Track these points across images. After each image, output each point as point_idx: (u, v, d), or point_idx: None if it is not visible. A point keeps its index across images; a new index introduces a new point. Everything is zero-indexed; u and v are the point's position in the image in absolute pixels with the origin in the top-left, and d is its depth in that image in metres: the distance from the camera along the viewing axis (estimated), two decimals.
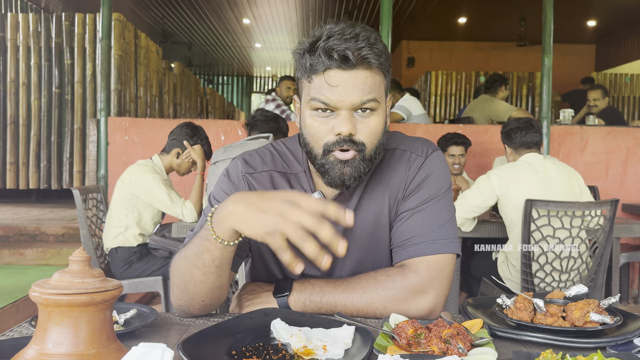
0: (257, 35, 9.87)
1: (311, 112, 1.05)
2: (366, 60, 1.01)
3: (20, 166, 5.87)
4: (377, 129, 1.06)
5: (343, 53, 1.00)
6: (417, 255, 1.10)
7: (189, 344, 0.81)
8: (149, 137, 4.41)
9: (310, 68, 1.03)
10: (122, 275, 2.99)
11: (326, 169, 1.06)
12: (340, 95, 1.01)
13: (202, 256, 0.98)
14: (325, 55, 1.01)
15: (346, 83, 1.01)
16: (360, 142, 1.04)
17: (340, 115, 1.03)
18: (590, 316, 0.94)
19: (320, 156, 1.06)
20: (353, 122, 1.03)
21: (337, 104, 1.02)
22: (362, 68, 1.02)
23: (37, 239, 4.57)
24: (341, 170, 1.04)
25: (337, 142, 1.03)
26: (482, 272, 2.98)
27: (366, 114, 1.04)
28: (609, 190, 4.46)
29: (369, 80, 1.03)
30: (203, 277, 1.01)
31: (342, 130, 1.02)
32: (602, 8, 7.99)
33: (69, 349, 0.70)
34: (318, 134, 1.05)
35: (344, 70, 1.01)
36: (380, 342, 0.86)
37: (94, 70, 5.82)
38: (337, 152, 1.04)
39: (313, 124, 1.05)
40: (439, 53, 9.96)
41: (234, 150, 2.62)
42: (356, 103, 1.02)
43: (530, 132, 2.75)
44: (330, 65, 1.01)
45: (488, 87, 5.02)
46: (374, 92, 1.03)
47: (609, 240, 2.65)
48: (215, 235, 0.94)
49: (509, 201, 2.66)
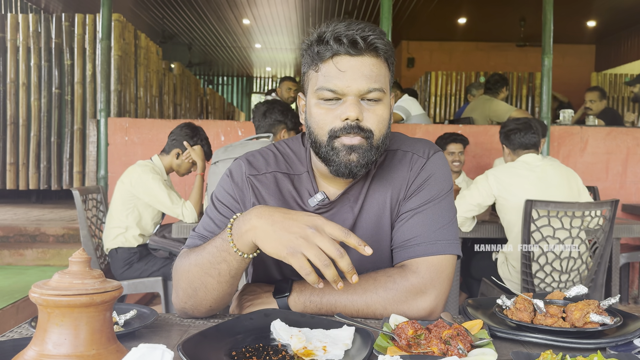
0: (257, 36, 9.87)
1: (318, 102, 1.05)
2: (374, 47, 1.02)
3: (20, 167, 5.87)
4: (384, 117, 1.06)
5: (352, 37, 1.01)
6: (418, 255, 1.10)
7: (189, 345, 0.81)
8: (148, 137, 4.41)
9: (318, 56, 1.04)
10: (122, 276, 2.99)
11: (331, 157, 1.05)
12: (348, 81, 1.02)
13: (219, 266, 0.99)
14: (334, 40, 1.01)
15: (354, 69, 1.02)
16: (367, 129, 1.04)
17: (347, 102, 1.03)
18: (590, 317, 0.94)
19: (325, 143, 1.05)
20: (360, 108, 1.03)
21: (344, 90, 1.02)
22: (370, 55, 1.03)
23: (37, 240, 4.57)
24: (347, 157, 1.04)
25: (343, 127, 1.03)
26: (482, 273, 2.98)
27: (372, 103, 1.04)
28: (608, 191, 4.46)
29: (376, 69, 1.03)
30: (217, 285, 1.01)
31: (349, 115, 1.01)
32: (602, 8, 7.99)
33: (68, 349, 0.70)
34: (324, 121, 1.05)
35: (351, 56, 1.02)
36: (380, 343, 0.86)
37: (93, 70, 5.82)
38: (343, 137, 1.03)
39: (319, 111, 1.05)
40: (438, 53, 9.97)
41: (235, 150, 2.62)
42: (363, 90, 1.02)
43: (528, 133, 2.76)
44: (338, 51, 1.02)
45: (489, 87, 5.02)
46: (380, 81, 1.04)
47: (609, 240, 2.65)
48: (236, 248, 0.96)
49: (507, 201, 2.67)
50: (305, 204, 1.14)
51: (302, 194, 1.15)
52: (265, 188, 1.16)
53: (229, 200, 1.16)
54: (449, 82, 8.87)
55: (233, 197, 1.16)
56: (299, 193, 1.15)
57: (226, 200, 1.16)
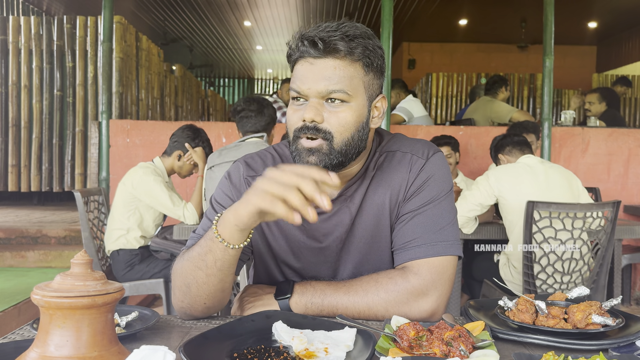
0: (258, 38, 9.89)
1: (291, 101, 1.08)
2: (335, 48, 1.02)
3: (22, 169, 5.88)
4: (346, 120, 1.05)
5: (312, 39, 1.02)
6: (419, 257, 1.09)
7: (191, 347, 0.81)
8: (150, 139, 4.42)
9: (290, 58, 1.08)
10: (124, 278, 2.99)
11: (295, 158, 1.07)
12: (309, 83, 1.03)
13: (205, 257, 0.99)
14: (300, 42, 1.04)
15: (314, 71, 1.03)
16: (326, 131, 1.04)
17: (307, 103, 1.04)
18: (592, 318, 0.94)
19: (292, 143, 1.07)
20: (319, 110, 1.03)
21: (306, 92, 1.04)
22: (332, 57, 1.03)
23: (38, 242, 4.57)
24: (307, 159, 1.05)
25: (302, 128, 1.04)
26: (483, 274, 2.98)
27: (335, 104, 1.04)
28: (610, 192, 4.45)
29: (339, 71, 1.03)
30: (205, 278, 1.01)
31: (305, 116, 1.03)
32: (603, 9, 7.99)
33: (70, 351, 0.70)
34: (291, 121, 1.07)
35: (314, 58, 1.03)
36: (382, 345, 0.86)
37: (95, 72, 5.83)
38: (303, 139, 1.05)
39: (290, 111, 1.08)
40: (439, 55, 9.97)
41: (229, 153, 2.61)
42: (322, 92, 1.03)
43: (514, 136, 2.92)
44: (302, 54, 1.04)
45: (488, 88, 5.03)
46: (342, 83, 1.03)
47: (611, 241, 2.65)
48: (221, 238, 0.96)
49: (507, 202, 2.67)
50: None
51: None
52: None
53: (227, 202, 1.16)
54: (450, 83, 8.87)
55: (231, 199, 1.16)
56: None
57: (224, 201, 1.16)
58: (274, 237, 1.17)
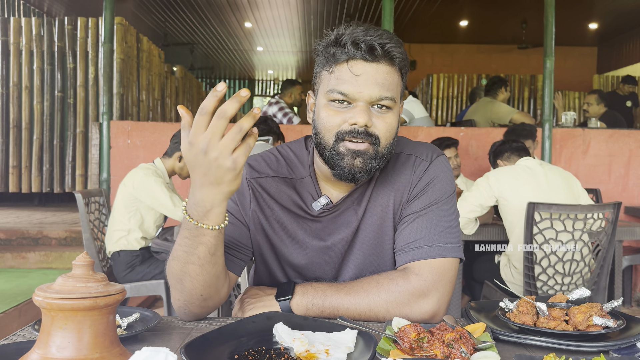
0: (259, 39, 9.89)
1: (327, 103, 1.06)
2: (390, 55, 1.03)
3: (22, 170, 5.89)
4: (392, 126, 1.06)
5: (370, 43, 1.01)
6: (420, 258, 1.09)
7: (192, 348, 0.81)
8: (151, 140, 4.42)
9: (333, 57, 1.04)
10: (125, 279, 3.00)
11: (336, 160, 1.05)
12: (361, 87, 1.02)
13: (181, 241, 0.97)
14: (351, 44, 1.02)
15: (368, 75, 1.02)
16: (375, 135, 1.04)
17: (357, 107, 1.03)
18: (593, 320, 0.94)
19: (331, 146, 1.05)
20: (369, 114, 1.03)
21: (355, 95, 1.03)
22: (385, 63, 1.03)
23: (39, 243, 4.57)
24: (352, 162, 1.04)
25: (351, 131, 1.03)
26: (484, 276, 2.98)
27: (382, 110, 1.05)
28: (611, 193, 4.45)
29: (389, 77, 1.04)
30: (199, 269, 0.99)
31: (358, 120, 1.02)
32: (603, 11, 7.99)
33: (72, 353, 0.70)
34: (331, 124, 1.05)
35: (367, 61, 1.02)
36: (383, 346, 0.86)
37: (96, 74, 5.84)
38: (349, 141, 1.04)
39: (328, 113, 1.05)
40: (440, 56, 9.98)
41: None
42: (375, 97, 1.03)
43: (512, 141, 2.98)
44: (354, 55, 1.02)
45: (488, 89, 5.03)
46: (392, 90, 1.04)
47: (612, 243, 2.65)
48: (189, 217, 0.93)
49: (508, 202, 2.67)
50: (309, 208, 1.14)
51: (305, 197, 1.15)
52: (267, 191, 1.16)
53: (230, 204, 1.16)
54: (451, 84, 8.87)
55: (232, 200, 1.16)
56: (302, 197, 1.15)
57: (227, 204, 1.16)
58: (278, 237, 1.17)
